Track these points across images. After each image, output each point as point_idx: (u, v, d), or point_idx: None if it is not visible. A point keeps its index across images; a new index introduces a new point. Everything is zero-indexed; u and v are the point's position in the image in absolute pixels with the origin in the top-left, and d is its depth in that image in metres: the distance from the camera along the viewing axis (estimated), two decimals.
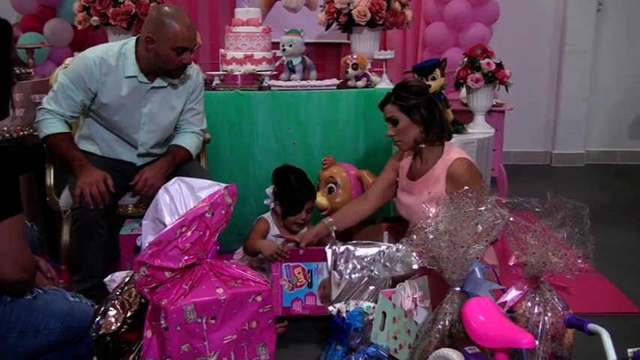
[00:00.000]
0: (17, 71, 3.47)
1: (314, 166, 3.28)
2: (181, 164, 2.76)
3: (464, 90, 3.49)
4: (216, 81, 3.58)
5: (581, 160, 5.73)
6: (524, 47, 5.36)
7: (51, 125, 2.64)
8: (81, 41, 4.46)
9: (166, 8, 2.64)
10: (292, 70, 3.67)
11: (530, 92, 5.37)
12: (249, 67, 3.55)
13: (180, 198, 1.95)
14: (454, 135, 3.13)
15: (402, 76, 4.58)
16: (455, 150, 2.61)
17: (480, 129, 3.27)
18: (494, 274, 2.21)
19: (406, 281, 2.37)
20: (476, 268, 1.97)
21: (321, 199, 3.11)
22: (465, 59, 3.27)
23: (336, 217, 2.81)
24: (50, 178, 2.88)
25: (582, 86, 5.57)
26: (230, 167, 3.32)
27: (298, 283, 2.62)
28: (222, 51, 3.67)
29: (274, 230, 2.86)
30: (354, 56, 3.49)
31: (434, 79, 3.10)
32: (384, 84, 3.53)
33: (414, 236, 2.09)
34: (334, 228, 2.76)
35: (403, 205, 2.73)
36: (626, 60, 5.61)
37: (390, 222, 3.05)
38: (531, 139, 5.71)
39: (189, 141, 2.83)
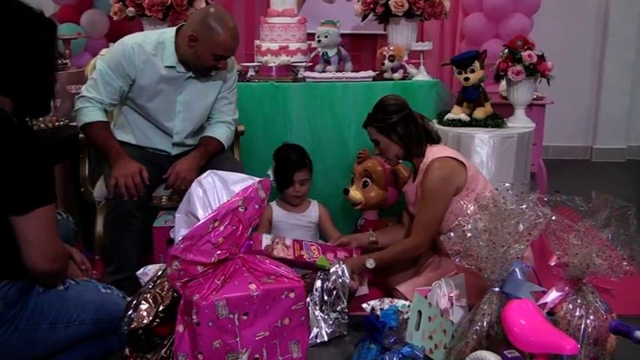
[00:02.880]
0: None
1: (348, 160, 3.24)
2: (214, 156, 2.74)
3: (504, 83, 3.39)
4: (251, 72, 3.56)
5: (622, 156, 5.57)
6: (565, 38, 5.22)
7: (90, 113, 2.64)
8: (117, 32, 4.45)
9: (214, 10, 2.62)
10: (327, 62, 3.62)
11: (570, 85, 5.22)
12: (284, 59, 3.51)
13: (214, 192, 1.92)
14: (494, 129, 3.07)
15: (440, 69, 4.52)
16: (435, 150, 2.61)
17: (520, 123, 3.17)
18: (534, 274, 2.14)
19: (442, 279, 2.31)
20: (516, 269, 1.91)
21: (356, 194, 3.07)
22: (506, 51, 3.17)
23: (381, 233, 2.85)
24: (85, 169, 2.89)
25: (625, 79, 5.41)
26: (264, 159, 3.27)
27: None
28: (257, 42, 3.64)
29: (277, 215, 2.91)
30: (391, 48, 3.43)
31: (473, 71, 3.02)
32: (422, 76, 3.45)
33: (452, 234, 2.03)
34: (373, 238, 2.81)
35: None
36: None
37: None
38: (571, 133, 5.56)
39: (220, 132, 2.81)
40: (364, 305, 2.28)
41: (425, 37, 4.53)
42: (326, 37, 3.55)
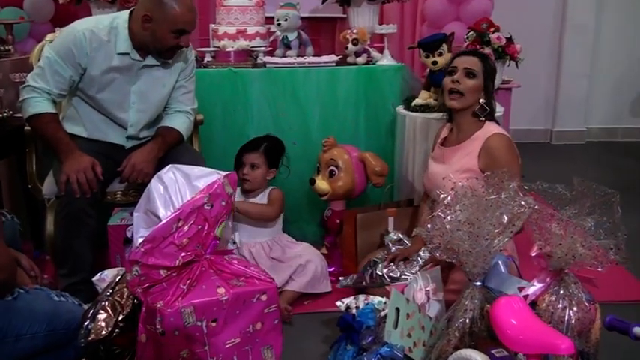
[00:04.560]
0: None
1: (313, 148, 3.12)
2: (172, 147, 2.57)
3: None
4: (208, 58, 3.39)
5: (582, 138, 5.60)
6: (524, 21, 5.15)
7: (37, 104, 2.45)
8: (63, 16, 4.21)
9: None
10: (287, 47, 3.47)
11: (530, 68, 5.12)
12: (242, 43, 3.35)
13: (176, 188, 1.78)
14: None
15: (403, 52, 4.41)
16: (495, 126, 2.48)
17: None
18: (515, 265, 2.06)
19: (418, 272, 2.21)
20: (499, 262, 1.82)
21: (322, 184, 2.95)
22: (472, 33, 3.08)
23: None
24: (32, 164, 2.69)
25: (583, 62, 5.43)
26: (224, 149, 3.12)
27: None
28: (212, 26, 3.47)
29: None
30: (355, 31, 3.30)
31: (440, 54, 2.92)
32: (386, 60, 3.35)
33: (430, 226, 1.92)
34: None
35: (429, 176, 2.58)
36: (629, 35, 5.45)
37: (396, 207, 2.89)
38: (531, 117, 5.56)
39: (178, 122, 2.64)
40: (338, 303, 2.17)
41: (385, 20, 4.40)
42: (286, 20, 3.40)
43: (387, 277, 2.43)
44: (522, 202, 1.81)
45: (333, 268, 2.91)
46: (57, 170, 2.42)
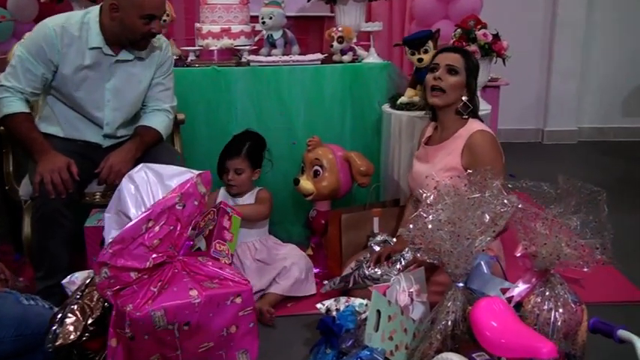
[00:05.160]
0: None
1: (298, 148, 3.06)
2: (151, 146, 2.51)
3: None
4: (192, 57, 3.36)
5: (573, 137, 5.55)
6: (514, 19, 5.13)
7: (10, 104, 2.39)
8: (46, 15, 4.14)
9: None
10: (273, 45, 3.42)
11: (520, 67, 5.10)
12: (226, 42, 3.30)
13: (147, 187, 1.72)
14: None
15: (391, 50, 4.37)
16: (478, 123, 2.42)
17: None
18: (499, 266, 2.01)
19: (401, 274, 2.15)
20: (482, 262, 1.77)
21: (306, 184, 2.90)
22: (459, 31, 3.03)
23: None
24: (9, 164, 2.63)
25: (574, 60, 5.38)
26: (207, 149, 3.06)
27: None
28: (197, 25, 3.42)
29: (221, 200, 2.69)
30: (339, 29, 3.25)
31: (426, 51, 2.86)
32: (372, 58, 3.29)
33: (412, 226, 1.87)
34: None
35: (413, 175, 2.52)
36: (621, 33, 5.40)
37: (381, 207, 2.84)
38: (522, 116, 5.51)
39: (157, 120, 2.58)
40: (318, 305, 2.11)
41: (373, 18, 4.35)
42: (270, 18, 3.35)
43: (368, 279, 2.38)
44: (505, 201, 1.76)
45: (318, 270, 2.85)
46: (32, 171, 2.36)
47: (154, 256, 1.66)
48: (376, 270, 2.42)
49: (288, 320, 2.50)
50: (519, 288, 1.92)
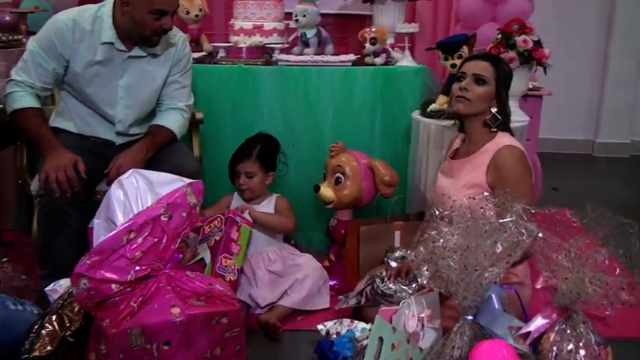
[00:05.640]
0: (3, 38, 3.17)
1: (324, 153, 2.92)
2: (163, 147, 2.43)
3: None
4: (221, 53, 3.26)
5: (625, 151, 5.24)
6: (568, 25, 4.88)
7: (20, 99, 2.34)
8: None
9: None
10: (306, 44, 3.31)
11: (572, 74, 4.90)
12: (256, 39, 3.20)
13: (137, 195, 1.63)
14: None
15: (432, 55, 4.18)
16: (508, 137, 2.24)
17: (512, 116, 2.84)
18: (517, 298, 1.84)
19: (412, 297, 2.00)
20: (493, 295, 1.60)
21: (327, 191, 2.77)
22: (499, 35, 2.84)
23: None
24: (23, 158, 2.58)
25: (630, 69, 5.07)
26: (230, 150, 2.94)
27: None
28: (231, 21, 3.33)
29: (236, 205, 2.64)
30: (373, 29, 3.11)
31: (460, 57, 2.69)
32: (406, 61, 3.14)
33: (422, 248, 1.72)
34: None
35: (436, 190, 2.37)
36: None
37: (404, 220, 2.69)
38: (572, 126, 5.23)
39: (171, 119, 2.50)
40: (319, 327, 1.99)
41: (417, 19, 4.19)
42: (304, 15, 3.24)
43: (380, 295, 2.22)
44: (523, 230, 1.59)
45: (334, 282, 2.72)
46: (41, 167, 2.31)
47: (137, 268, 1.56)
48: (390, 286, 2.27)
49: (296, 335, 2.38)
50: (538, 322, 1.75)
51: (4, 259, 2.46)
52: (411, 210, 2.90)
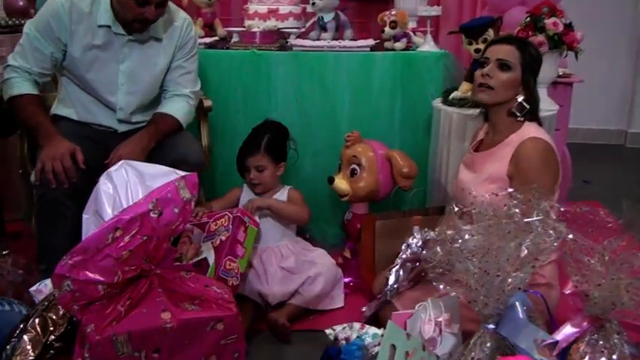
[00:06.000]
0: (10, 22, 3.08)
1: (340, 142, 2.77)
2: (167, 135, 2.30)
3: None
4: (235, 38, 3.12)
5: None
6: (601, 8, 4.64)
7: (17, 85, 2.23)
8: None
9: None
10: (323, 28, 3.15)
11: (605, 61, 4.67)
12: (271, 23, 3.06)
13: (127, 188, 1.50)
14: None
15: (455, 40, 3.99)
16: (535, 128, 2.06)
17: (541, 105, 2.65)
18: (543, 302, 1.68)
19: (429, 299, 1.85)
20: (517, 303, 1.45)
21: (341, 183, 2.62)
22: (528, 19, 2.65)
23: None
24: (24, 147, 2.47)
25: None
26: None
27: None
28: (247, 5, 3.19)
29: (246, 198, 2.51)
30: (393, 12, 2.94)
31: (485, 41, 2.51)
32: (428, 47, 2.97)
33: (439, 249, 1.56)
34: None
35: (458, 183, 2.21)
36: None
37: (423, 214, 2.53)
38: (604, 116, 5.00)
39: (176, 107, 2.37)
40: (328, 331, 1.85)
41: (441, 2, 3.99)
42: None
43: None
44: (551, 231, 1.43)
45: (349, 279, 2.57)
46: (38, 156, 2.20)
47: (126, 269, 1.43)
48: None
49: (307, 336, 2.24)
50: (567, 331, 1.59)
51: (5, 252, 2.35)
52: (431, 204, 2.74)
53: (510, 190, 1.58)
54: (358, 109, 2.93)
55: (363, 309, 2.28)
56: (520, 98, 2.02)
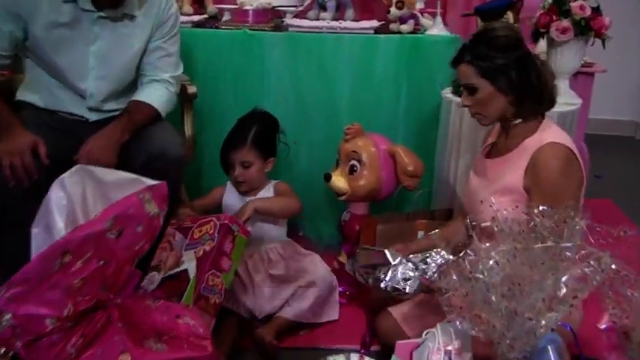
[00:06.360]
0: None
1: (340, 133, 2.52)
2: (143, 126, 2.04)
3: (543, 43, 2.61)
4: (226, 17, 2.86)
5: None
6: None
7: None
8: None
9: None
10: (323, 7, 2.89)
11: (617, 49, 4.37)
12: (265, 1, 2.78)
13: (82, 199, 1.24)
14: None
15: (461, 20, 3.72)
16: (554, 129, 1.80)
17: (562, 98, 2.39)
18: (572, 334, 1.44)
19: (438, 325, 1.61)
20: (549, 347, 1.20)
21: (339, 181, 2.39)
22: (550, 1, 2.39)
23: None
24: None
25: None
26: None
27: None
28: None
29: (228, 198, 2.29)
30: None
31: None
32: (437, 30, 2.71)
33: (455, 276, 1.32)
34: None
35: (467, 192, 1.96)
36: None
37: (428, 218, 2.29)
38: (616, 106, 4.74)
39: (154, 94, 2.11)
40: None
41: None
42: None
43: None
44: (592, 261, 1.18)
45: (343, 288, 2.33)
46: None
47: (79, 299, 1.18)
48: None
49: (297, 356, 2.02)
50: None
51: None
52: (437, 206, 2.50)
53: (542, 208, 1.33)
54: (359, 98, 2.69)
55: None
56: (504, 104, 1.76)
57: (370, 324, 2.07)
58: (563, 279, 1.16)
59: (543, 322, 1.16)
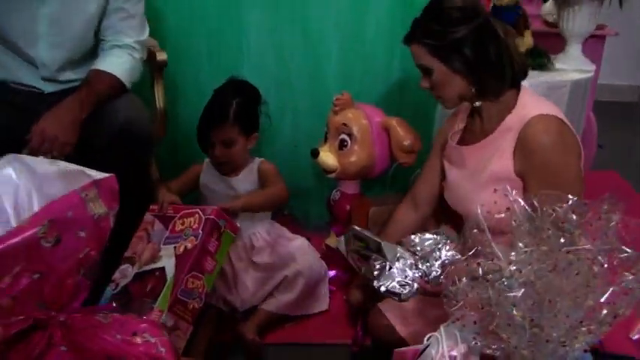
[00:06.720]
0: None
1: (328, 103, 2.31)
2: (106, 99, 1.80)
3: (551, 2, 2.39)
4: None
5: None
6: None
7: None
8: None
9: None
10: None
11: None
12: None
13: (15, 197, 1.01)
14: (535, 72, 2.13)
15: None
16: (536, 100, 1.58)
17: (574, 64, 2.19)
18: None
19: (441, 327, 1.41)
20: None
21: (327, 157, 2.18)
22: None
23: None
24: None
25: None
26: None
27: None
28: None
29: (208, 177, 2.06)
30: None
31: None
32: None
33: (465, 280, 1.11)
34: None
35: (448, 187, 1.74)
36: None
37: None
38: (619, 70, 4.53)
39: (116, 62, 1.86)
40: None
41: None
42: None
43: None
44: (631, 277, 0.97)
45: (334, 273, 2.14)
46: None
47: (11, 320, 0.97)
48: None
49: (283, 352, 1.83)
50: None
51: None
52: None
53: (573, 198, 1.11)
54: (349, 63, 2.46)
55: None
56: (463, 85, 1.55)
57: (362, 318, 1.89)
58: (605, 296, 0.95)
59: (577, 345, 0.96)
